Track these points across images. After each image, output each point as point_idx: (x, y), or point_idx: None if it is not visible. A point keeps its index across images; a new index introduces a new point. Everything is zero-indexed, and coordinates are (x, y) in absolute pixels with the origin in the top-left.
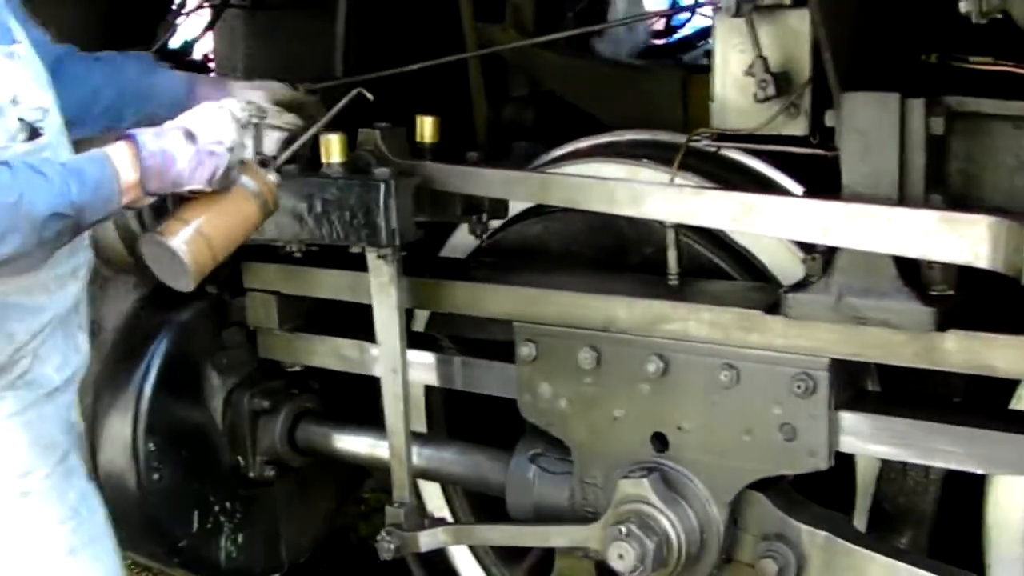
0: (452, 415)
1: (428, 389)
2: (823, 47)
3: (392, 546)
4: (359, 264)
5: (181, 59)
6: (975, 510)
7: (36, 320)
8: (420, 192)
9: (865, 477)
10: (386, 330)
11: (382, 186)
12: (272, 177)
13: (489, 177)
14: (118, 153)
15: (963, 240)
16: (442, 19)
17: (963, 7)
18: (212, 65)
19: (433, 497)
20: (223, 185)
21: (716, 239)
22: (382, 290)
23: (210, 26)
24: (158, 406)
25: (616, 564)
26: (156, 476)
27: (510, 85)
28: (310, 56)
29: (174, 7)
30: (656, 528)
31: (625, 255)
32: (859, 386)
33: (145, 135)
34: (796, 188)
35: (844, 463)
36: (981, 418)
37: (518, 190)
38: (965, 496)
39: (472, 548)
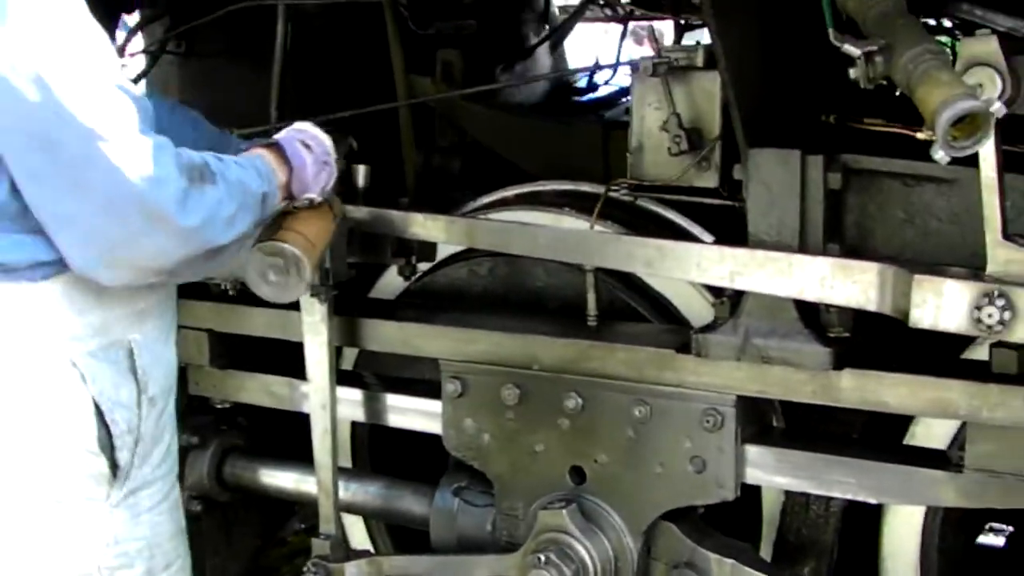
0: (376, 451)
1: (353, 425)
2: (731, 106)
3: None
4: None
5: None
6: (872, 541)
7: (168, 377)
8: (352, 234)
9: (770, 509)
10: (316, 367)
11: None
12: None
13: (420, 221)
14: (268, 156)
15: (856, 285)
16: (375, 70)
17: (852, 73)
18: None
19: (356, 532)
20: (329, 196)
21: (633, 284)
22: (313, 328)
23: (145, 72)
24: None
25: None
26: None
27: (438, 135)
28: (243, 103)
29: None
30: (573, 556)
31: (545, 300)
32: (765, 422)
33: (285, 141)
34: (707, 237)
35: (751, 496)
36: (873, 452)
37: (446, 234)
38: (863, 528)
39: None
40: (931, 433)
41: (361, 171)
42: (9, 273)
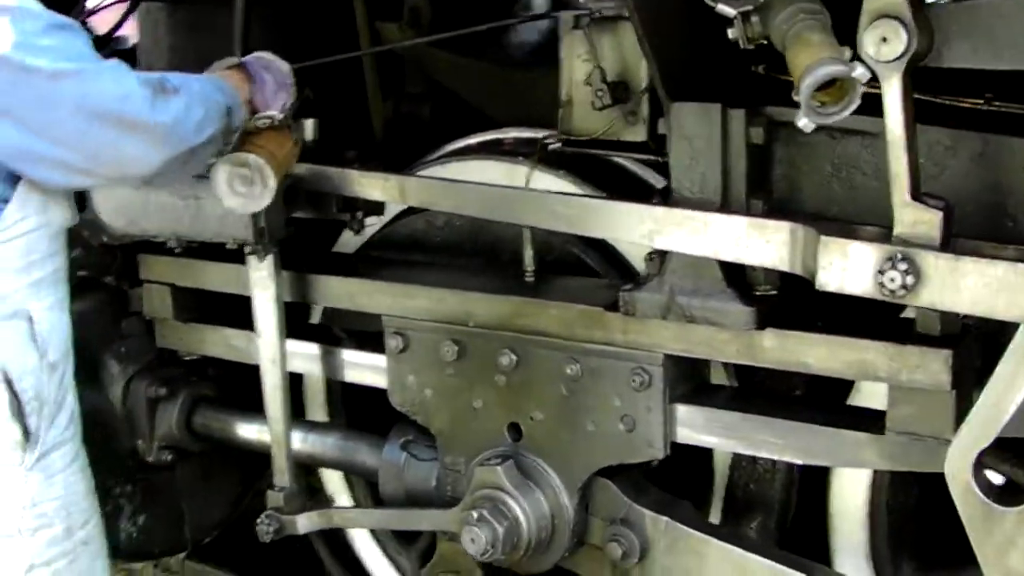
0: (350, 405)
1: (328, 380)
2: (647, 58)
3: (271, 529)
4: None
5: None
6: (820, 498)
7: (64, 343)
8: (296, 190)
9: (720, 465)
10: (265, 322)
11: None
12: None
13: (355, 178)
14: (231, 75)
15: (769, 245)
16: (342, 17)
17: (730, 34)
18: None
19: (333, 482)
20: (287, 117)
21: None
22: (260, 284)
23: (124, 18)
24: None
25: (468, 547)
26: None
27: (408, 81)
28: (229, 51)
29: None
30: (507, 513)
31: (502, 250)
32: (698, 380)
33: (247, 61)
34: (661, 183)
35: (705, 452)
36: (802, 412)
37: (381, 191)
38: (811, 485)
39: (372, 531)
40: (876, 392)
41: (309, 125)
42: None
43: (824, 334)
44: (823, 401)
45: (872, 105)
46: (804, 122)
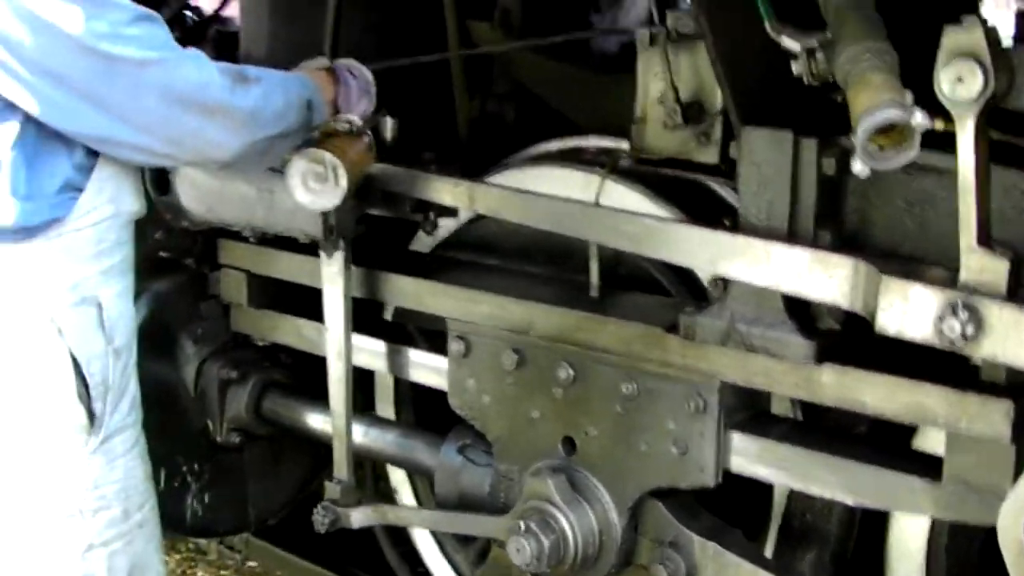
0: (419, 403)
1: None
2: (720, 81)
3: (326, 520)
4: None
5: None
6: (879, 535)
7: (130, 330)
8: (370, 189)
9: (779, 494)
10: (333, 316)
11: None
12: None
13: (423, 181)
14: (318, 74)
15: (831, 280)
16: (433, 14)
17: (794, 69)
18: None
19: (397, 475)
20: (369, 122)
21: None
22: (331, 278)
23: (223, 4)
24: None
25: (513, 557)
26: None
27: (495, 82)
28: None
29: None
30: (555, 526)
31: (574, 254)
32: (756, 408)
33: (335, 64)
34: None
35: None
36: (864, 452)
37: (450, 197)
38: (870, 521)
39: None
40: (940, 437)
41: (389, 124)
42: None
43: (884, 374)
44: (885, 442)
45: (951, 142)
46: (859, 167)
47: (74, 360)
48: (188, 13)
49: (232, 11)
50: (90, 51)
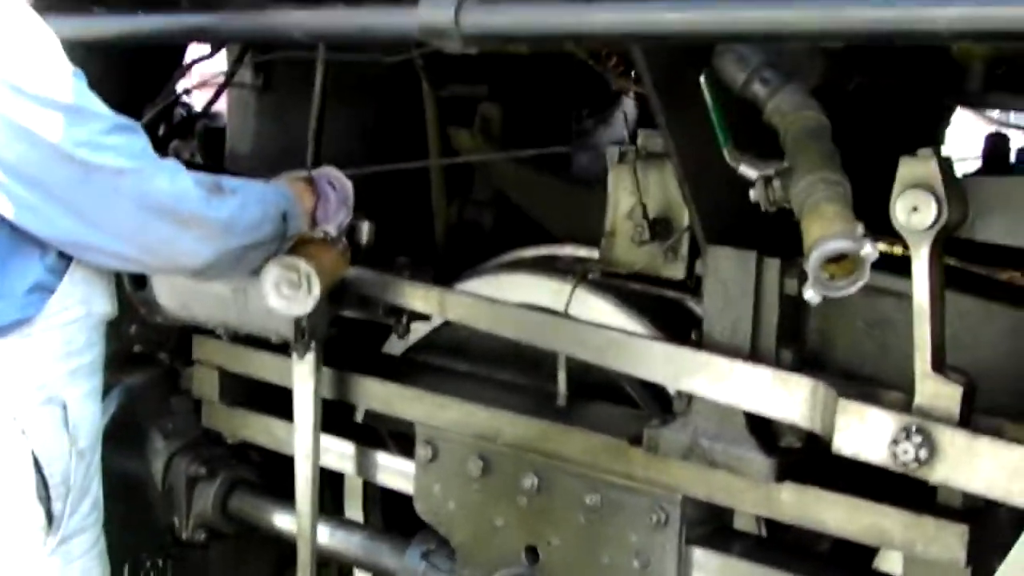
0: (389, 505)
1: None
2: (686, 199)
3: None
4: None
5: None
6: None
7: (94, 432)
8: (344, 291)
9: None
10: (302, 416)
11: None
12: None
13: (395, 285)
14: (296, 184)
15: (791, 399)
16: (414, 119)
17: (752, 196)
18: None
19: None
20: (343, 233)
21: None
22: (301, 378)
23: (215, 97)
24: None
25: None
26: None
27: (476, 187)
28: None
29: (180, 76)
30: None
31: (546, 362)
32: (719, 523)
33: (314, 174)
34: None
35: None
36: (823, 571)
37: (422, 303)
38: None
39: None
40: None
41: (365, 228)
42: None
43: (843, 494)
44: (846, 560)
45: (910, 266)
46: (810, 294)
47: (35, 460)
48: (177, 108)
49: (221, 107)
50: (68, 158)
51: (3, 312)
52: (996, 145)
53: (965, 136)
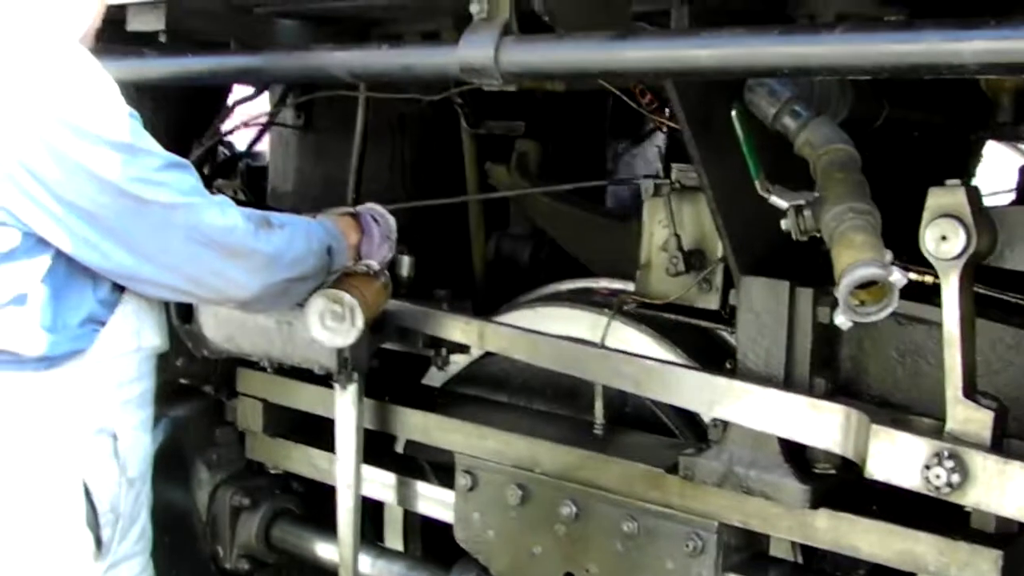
0: (428, 535)
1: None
2: (720, 231)
3: None
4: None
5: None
6: None
7: (144, 461)
8: (385, 324)
9: None
10: (344, 447)
11: None
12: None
13: (434, 318)
14: (342, 220)
15: (824, 426)
16: (452, 155)
17: (783, 225)
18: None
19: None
20: (385, 267)
21: None
22: (343, 409)
23: (258, 137)
24: None
25: None
26: None
27: (511, 222)
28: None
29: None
30: None
31: (582, 394)
32: (755, 550)
33: (359, 211)
34: None
35: None
36: None
37: (457, 333)
38: None
39: None
40: None
41: (406, 262)
42: (21, 363)
43: (877, 520)
44: None
45: (939, 296)
46: (841, 320)
47: (86, 488)
48: (221, 148)
49: (263, 147)
50: (123, 193)
51: (58, 344)
52: None
53: (999, 169)
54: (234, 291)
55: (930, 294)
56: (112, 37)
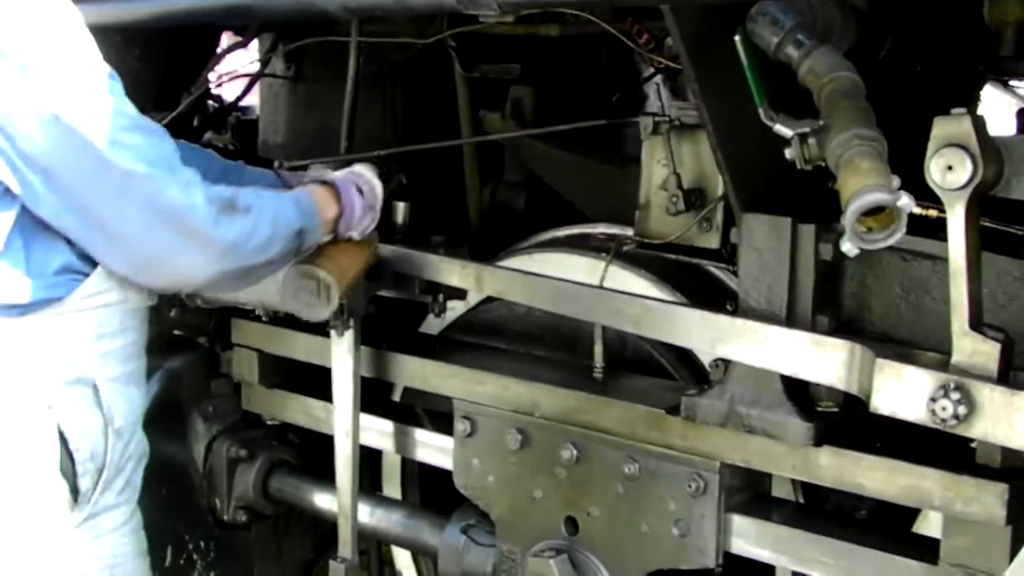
0: (426, 483)
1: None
2: (721, 168)
3: None
4: None
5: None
6: None
7: (134, 413)
8: (380, 270)
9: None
10: (341, 395)
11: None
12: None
13: (431, 263)
14: (321, 193)
15: (828, 362)
16: (447, 104)
17: (788, 154)
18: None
19: (402, 557)
20: (369, 237)
21: None
22: (340, 357)
23: (247, 90)
24: None
25: None
26: None
27: (507, 170)
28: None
29: (213, 65)
30: None
31: (581, 339)
32: (757, 490)
33: (341, 183)
34: None
35: None
36: (863, 535)
37: (454, 277)
38: None
39: None
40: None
41: (401, 208)
42: None
43: (881, 456)
44: (885, 525)
45: (945, 229)
46: (848, 247)
47: (62, 436)
48: (210, 101)
49: (252, 100)
50: (83, 148)
51: (32, 290)
52: None
53: (997, 118)
54: (188, 275)
55: (934, 229)
56: None
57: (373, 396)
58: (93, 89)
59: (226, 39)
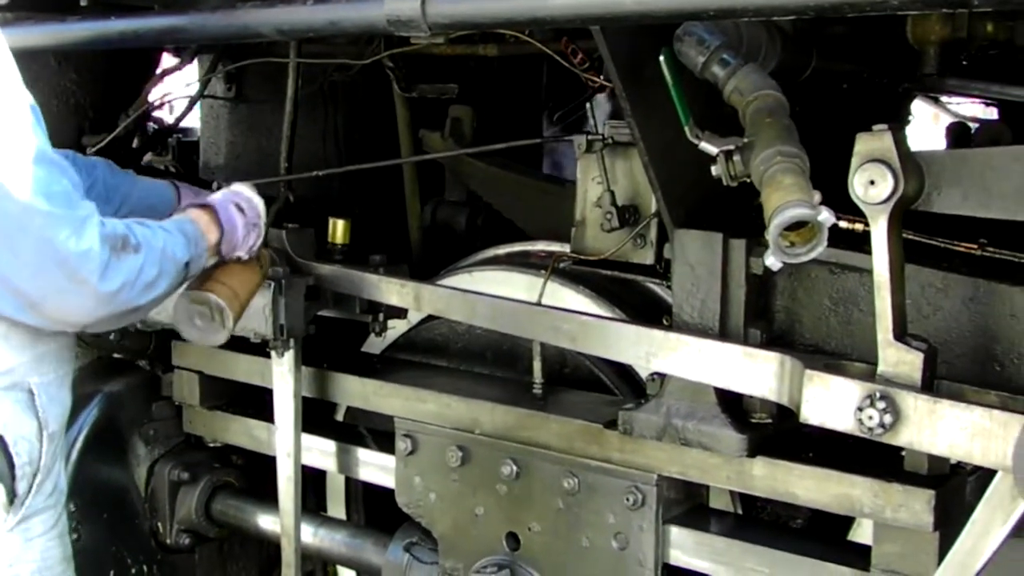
0: (371, 503)
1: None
2: (653, 185)
3: None
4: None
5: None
6: None
7: (63, 416)
8: (320, 290)
9: None
10: (283, 415)
11: (272, 284)
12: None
13: (371, 282)
14: (201, 218)
15: (759, 374)
16: (386, 123)
17: (713, 171)
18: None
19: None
20: (255, 255)
21: None
22: (281, 378)
23: (187, 110)
24: (82, 470)
25: None
26: (75, 536)
27: (447, 189)
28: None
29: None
30: None
31: (520, 357)
32: (694, 502)
33: (220, 204)
34: None
35: None
36: (797, 544)
37: (393, 296)
38: None
39: None
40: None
41: (340, 226)
42: None
43: (812, 466)
44: (820, 533)
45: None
46: (771, 260)
47: (2, 441)
48: (150, 123)
49: (193, 121)
50: None
51: None
52: (959, 134)
53: (929, 132)
54: (75, 316)
55: (861, 242)
56: (34, 3)
57: (317, 416)
58: (7, 119)
59: (166, 60)
